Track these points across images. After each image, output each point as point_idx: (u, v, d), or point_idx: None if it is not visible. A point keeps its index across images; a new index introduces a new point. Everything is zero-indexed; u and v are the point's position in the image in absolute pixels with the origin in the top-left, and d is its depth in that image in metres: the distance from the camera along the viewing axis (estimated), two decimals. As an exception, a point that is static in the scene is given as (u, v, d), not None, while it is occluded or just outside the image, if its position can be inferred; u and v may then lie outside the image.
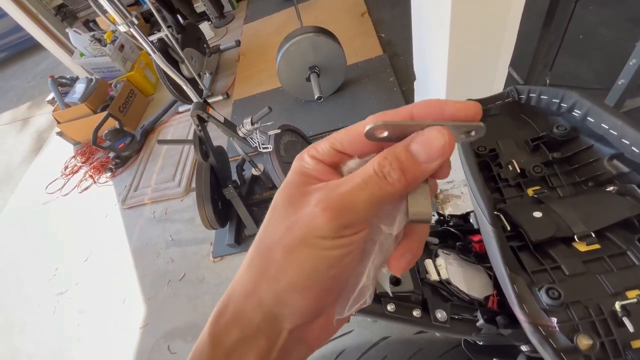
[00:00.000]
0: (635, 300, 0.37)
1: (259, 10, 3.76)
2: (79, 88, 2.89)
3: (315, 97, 2.05)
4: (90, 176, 2.83)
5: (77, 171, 2.97)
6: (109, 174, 2.76)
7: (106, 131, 2.58)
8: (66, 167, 3.05)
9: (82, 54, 3.19)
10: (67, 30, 3.12)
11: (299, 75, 2.19)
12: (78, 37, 3.10)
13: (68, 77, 3.11)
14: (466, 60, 1.04)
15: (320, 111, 2.36)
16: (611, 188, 0.45)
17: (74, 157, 3.11)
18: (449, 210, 1.58)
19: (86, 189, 2.78)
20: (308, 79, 2.17)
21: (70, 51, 3.37)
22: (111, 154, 2.76)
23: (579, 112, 0.47)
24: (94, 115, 2.87)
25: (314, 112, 2.38)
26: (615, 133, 0.43)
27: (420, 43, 1.37)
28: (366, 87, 2.36)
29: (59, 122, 3.00)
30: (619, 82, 1.40)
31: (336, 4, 3.28)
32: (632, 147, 0.42)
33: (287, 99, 2.49)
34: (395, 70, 2.36)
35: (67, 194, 2.82)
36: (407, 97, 2.14)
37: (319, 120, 2.31)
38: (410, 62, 1.59)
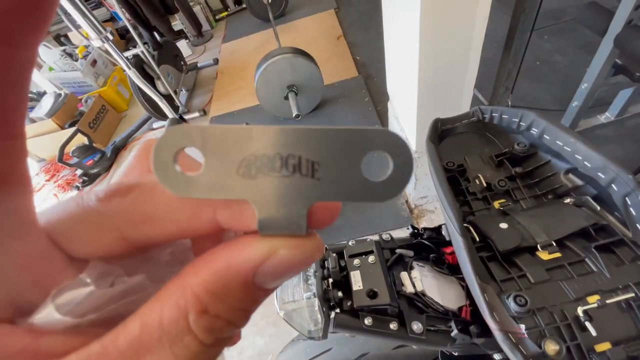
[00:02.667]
0: (595, 305, 0.39)
1: (238, 30, 3.82)
2: (46, 103, 2.77)
3: (294, 115, 2.08)
4: (55, 195, 2.68)
5: (40, 190, 2.80)
6: (75, 192, 2.62)
7: (74, 147, 2.47)
8: (28, 186, 2.87)
9: (51, 69, 3.09)
10: (36, 44, 3.02)
11: (277, 93, 2.21)
12: (48, 51, 3.00)
13: (35, 91, 2.98)
14: (434, 83, 1.10)
15: (298, 129, 2.38)
16: (568, 200, 0.49)
17: (37, 174, 2.94)
18: (423, 225, 1.62)
19: (49, 208, 2.62)
20: (286, 98, 2.20)
21: (38, 65, 3.25)
22: (78, 172, 2.63)
23: (536, 130, 0.50)
24: (61, 131, 2.75)
25: (291, 130, 2.40)
26: (569, 149, 0.47)
27: (392, 66, 1.44)
28: (343, 106, 2.42)
29: (22, 138, 2.85)
30: (573, 104, 1.52)
31: (313, 27, 3.39)
32: (585, 162, 0.46)
33: (265, 117, 2.51)
34: (370, 91, 2.44)
35: (27, 214, 2.65)
36: (382, 116, 2.21)
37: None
38: (384, 83, 1.66)
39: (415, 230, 0.59)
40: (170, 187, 0.12)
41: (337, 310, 0.47)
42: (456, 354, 0.51)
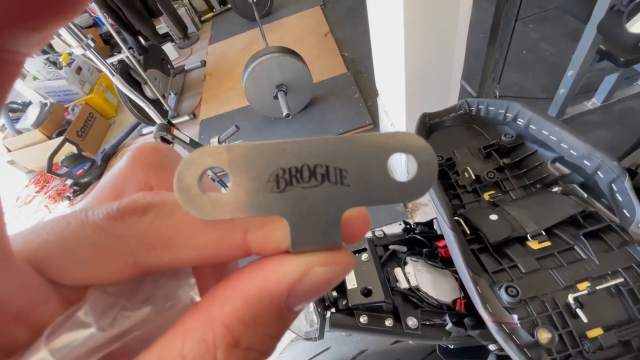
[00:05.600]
0: (586, 292, 0.40)
1: (224, 30, 3.78)
2: (32, 113, 2.72)
3: (284, 114, 2.07)
4: (46, 206, 2.64)
5: (30, 202, 2.76)
6: (66, 203, 2.59)
7: (63, 157, 2.43)
8: (18, 199, 2.82)
9: (35, 78, 3.03)
10: (18, 53, 2.96)
11: (266, 93, 2.20)
12: (31, 61, 2.94)
13: (20, 102, 2.93)
14: (421, 76, 1.10)
15: (289, 128, 2.37)
16: (556, 189, 0.49)
17: (26, 186, 2.89)
18: (417, 218, 1.63)
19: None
20: (276, 97, 2.19)
21: (22, 75, 3.19)
22: (68, 181, 2.60)
23: (522, 121, 0.51)
24: (49, 141, 2.71)
25: (283, 130, 2.39)
26: (555, 138, 0.47)
27: (379, 61, 1.44)
28: (333, 103, 2.41)
29: (9, 150, 2.79)
30: (560, 92, 1.53)
31: (300, 25, 3.37)
32: (570, 151, 0.46)
33: (255, 117, 2.49)
34: (359, 87, 2.44)
35: (18, 228, 2.61)
36: (372, 112, 2.21)
37: (288, 137, 2.31)
38: (374, 78, 1.66)
39: (408, 225, 0.60)
40: (196, 211, 0.11)
41: (333, 309, 0.47)
42: (452, 346, 0.51)
